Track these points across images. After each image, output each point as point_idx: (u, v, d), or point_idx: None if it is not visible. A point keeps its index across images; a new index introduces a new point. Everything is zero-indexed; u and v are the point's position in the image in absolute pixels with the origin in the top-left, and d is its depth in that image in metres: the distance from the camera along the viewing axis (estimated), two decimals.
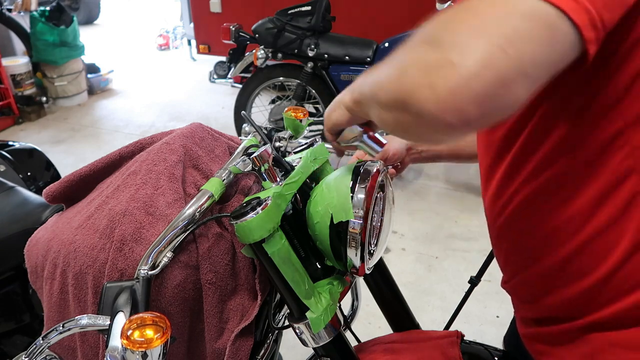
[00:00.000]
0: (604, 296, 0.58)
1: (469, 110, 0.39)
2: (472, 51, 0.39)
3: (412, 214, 2.82)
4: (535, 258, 0.64)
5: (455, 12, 0.43)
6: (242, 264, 0.76)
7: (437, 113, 0.40)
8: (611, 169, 0.54)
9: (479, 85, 0.38)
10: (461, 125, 0.41)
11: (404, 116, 0.45)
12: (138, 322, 0.61)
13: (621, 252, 0.55)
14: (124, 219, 0.74)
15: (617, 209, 0.55)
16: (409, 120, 0.44)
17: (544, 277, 0.64)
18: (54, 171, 1.66)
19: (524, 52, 0.39)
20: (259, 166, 0.73)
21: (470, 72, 0.38)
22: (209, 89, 4.89)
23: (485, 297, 2.10)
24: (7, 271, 1.19)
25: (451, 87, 0.39)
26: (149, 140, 0.87)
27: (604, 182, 0.55)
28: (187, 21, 5.38)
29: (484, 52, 0.38)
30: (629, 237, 0.55)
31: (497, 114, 0.41)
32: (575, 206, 0.57)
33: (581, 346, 0.61)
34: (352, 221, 0.68)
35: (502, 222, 0.67)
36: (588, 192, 0.56)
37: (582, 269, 0.59)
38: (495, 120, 0.42)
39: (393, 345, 0.87)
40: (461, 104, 0.39)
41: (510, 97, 0.40)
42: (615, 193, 0.54)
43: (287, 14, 2.90)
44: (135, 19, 8.74)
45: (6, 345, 1.26)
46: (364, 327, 1.96)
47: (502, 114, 0.41)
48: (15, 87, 4.14)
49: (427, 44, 0.43)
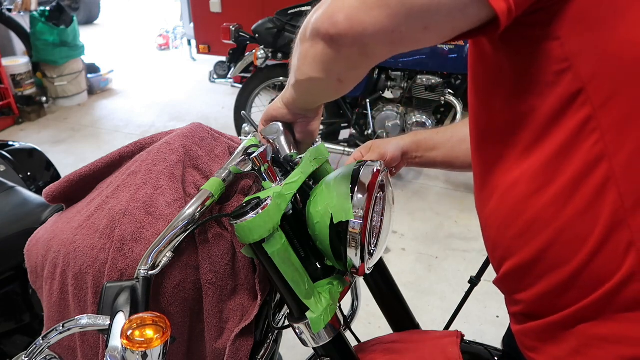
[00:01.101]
0: (582, 286, 0.58)
1: (339, 19, 0.52)
2: None
3: (412, 214, 2.82)
4: (514, 250, 0.64)
5: None
6: (242, 264, 0.76)
7: (321, 24, 0.54)
8: (582, 155, 0.54)
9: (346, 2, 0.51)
10: (335, 35, 0.53)
11: (306, 43, 0.58)
12: (138, 322, 0.61)
13: (594, 240, 0.55)
14: (124, 219, 0.74)
15: (589, 195, 0.54)
16: (308, 44, 0.58)
17: (523, 270, 0.64)
18: (54, 171, 1.66)
19: None
20: (258, 166, 0.73)
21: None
22: (209, 89, 4.89)
23: (485, 297, 2.10)
24: (7, 271, 1.19)
25: (333, 4, 0.52)
26: (149, 140, 0.87)
27: (576, 169, 0.54)
28: (187, 21, 5.39)
29: None
30: (602, 224, 0.54)
31: (363, 30, 0.51)
32: (548, 195, 0.57)
33: (567, 340, 0.61)
34: (352, 221, 0.68)
35: (487, 214, 0.68)
36: (560, 179, 0.56)
37: (558, 259, 0.58)
38: (367, 39, 0.52)
39: (393, 345, 0.87)
40: (335, 14, 0.52)
41: (371, 17, 0.50)
42: (587, 180, 0.54)
43: (287, 14, 2.90)
44: (135, 19, 8.74)
45: (6, 345, 1.26)
46: (364, 327, 1.96)
47: (367, 31, 0.51)
48: (15, 87, 4.14)
49: None
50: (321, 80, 0.62)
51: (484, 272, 1.36)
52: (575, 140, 0.54)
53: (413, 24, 0.50)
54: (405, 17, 0.50)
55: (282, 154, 0.74)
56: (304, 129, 0.76)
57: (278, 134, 0.73)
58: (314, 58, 0.59)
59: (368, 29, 0.51)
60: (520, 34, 0.54)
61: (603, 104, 0.51)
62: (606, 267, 0.56)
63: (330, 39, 0.54)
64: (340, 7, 0.52)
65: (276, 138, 0.73)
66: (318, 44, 0.57)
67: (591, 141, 0.53)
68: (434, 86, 2.81)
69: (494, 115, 0.64)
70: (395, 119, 2.89)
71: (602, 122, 0.52)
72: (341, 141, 3.12)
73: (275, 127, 0.73)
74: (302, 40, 0.60)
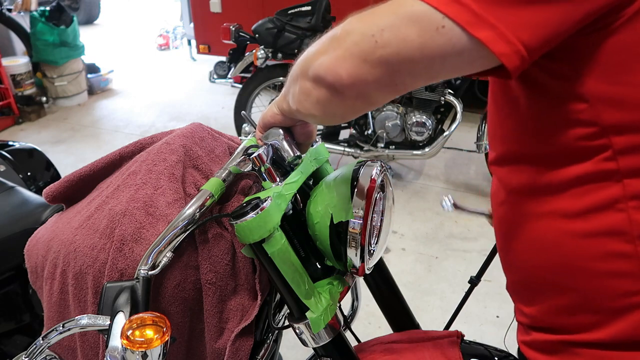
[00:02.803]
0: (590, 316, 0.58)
1: (340, 73, 0.51)
2: (354, 32, 0.51)
3: (412, 214, 2.82)
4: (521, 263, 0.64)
5: (364, 11, 0.52)
6: (242, 264, 0.76)
7: (323, 72, 0.53)
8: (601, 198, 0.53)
9: (349, 56, 0.51)
10: (337, 85, 0.53)
11: (305, 82, 0.57)
12: (138, 322, 0.61)
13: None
14: (124, 219, 0.74)
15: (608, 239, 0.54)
16: (308, 85, 0.57)
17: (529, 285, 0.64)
18: (54, 171, 1.66)
19: (389, 44, 0.48)
20: (258, 166, 0.73)
21: (347, 46, 0.51)
22: (209, 89, 4.89)
23: (485, 297, 2.10)
24: (7, 271, 1.19)
25: (334, 55, 0.52)
26: (149, 140, 0.87)
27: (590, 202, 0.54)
28: (187, 21, 5.38)
29: (359, 35, 0.50)
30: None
31: (364, 87, 0.52)
32: (553, 213, 0.57)
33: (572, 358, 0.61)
34: (352, 221, 0.68)
35: (501, 214, 0.67)
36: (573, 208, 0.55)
37: (562, 282, 0.58)
38: (368, 94, 0.53)
39: (393, 345, 0.87)
40: (337, 68, 0.52)
41: (372, 75, 0.50)
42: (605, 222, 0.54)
43: (287, 14, 2.90)
44: (135, 19, 8.74)
45: (6, 345, 1.26)
46: (364, 327, 1.96)
47: (369, 87, 0.52)
48: (15, 87, 4.14)
49: (335, 28, 0.54)
50: (322, 117, 0.62)
51: (484, 272, 1.36)
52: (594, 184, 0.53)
53: (415, 76, 0.51)
54: (407, 72, 0.50)
55: (287, 157, 0.73)
56: (303, 130, 0.76)
57: (280, 139, 0.72)
58: (317, 100, 0.58)
59: (370, 84, 0.51)
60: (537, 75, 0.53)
61: (625, 151, 0.51)
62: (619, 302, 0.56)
63: (334, 89, 0.54)
64: (342, 62, 0.51)
65: (279, 142, 0.72)
66: (321, 89, 0.56)
67: (611, 188, 0.52)
68: (434, 86, 2.81)
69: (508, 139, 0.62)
70: (395, 119, 2.89)
71: (622, 168, 0.51)
72: (341, 141, 3.12)
73: (275, 132, 0.72)
74: (303, 76, 0.59)
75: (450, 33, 0.46)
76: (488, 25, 0.45)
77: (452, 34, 0.46)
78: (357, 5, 2.40)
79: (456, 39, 0.46)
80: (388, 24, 0.48)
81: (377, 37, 0.48)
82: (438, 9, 0.46)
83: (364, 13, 0.52)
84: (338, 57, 0.52)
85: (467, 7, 0.45)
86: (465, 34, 0.45)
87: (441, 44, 0.46)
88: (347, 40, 0.51)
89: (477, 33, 0.45)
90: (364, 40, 0.49)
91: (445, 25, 0.46)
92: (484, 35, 0.45)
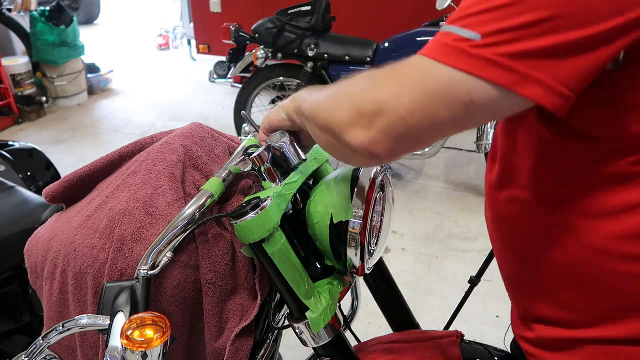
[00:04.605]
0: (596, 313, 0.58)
1: (377, 152, 0.52)
2: (384, 114, 0.49)
3: (412, 214, 2.82)
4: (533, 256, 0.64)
5: (389, 73, 0.51)
6: (242, 264, 0.76)
7: (357, 148, 0.52)
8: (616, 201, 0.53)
9: (383, 139, 0.50)
10: (371, 158, 0.53)
11: (333, 140, 0.56)
12: (138, 322, 0.61)
13: None
14: (124, 219, 0.74)
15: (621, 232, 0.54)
16: (337, 145, 0.56)
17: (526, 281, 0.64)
18: (54, 171, 1.66)
19: (421, 123, 0.48)
20: (258, 166, 0.73)
21: (379, 129, 0.50)
22: (209, 89, 4.89)
23: (485, 297, 2.10)
24: (7, 271, 1.19)
25: (367, 137, 0.51)
26: (149, 140, 0.87)
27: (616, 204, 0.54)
28: (187, 21, 5.38)
29: (390, 119, 0.49)
30: None
31: (400, 155, 0.53)
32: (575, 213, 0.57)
33: (575, 354, 0.61)
34: (352, 221, 0.68)
35: (496, 216, 0.67)
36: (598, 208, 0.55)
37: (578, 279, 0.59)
38: (403, 156, 0.54)
39: (393, 345, 0.87)
40: (371, 147, 0.51)
41: (407, 147, 0.52)
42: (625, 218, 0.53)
43: (287, 14, 2.90)
44: (135, 19, 8.73)
45: (6, 345, 1.26)
46: (364, 327, 1.96)
47: (404, 153, 0.53)
48: (15, 87, 4.13)
49: (361, 91, 0.53)
50: None
51: (484, 272, 1.36)
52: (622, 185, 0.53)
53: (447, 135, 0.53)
54: (438, 136, 0.51)
55: (293, 162, 0.73)
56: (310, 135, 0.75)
57: (287, 143, 0.72)
58: (345, 155, 0.57)
59: (406, 152, 0.53)
60: None
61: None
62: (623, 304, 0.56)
63: (366, 157, 0.54)
64: (377, 145, 0.51)
65: (286, 147, 0.72)
66: (349, 151, 0.55)
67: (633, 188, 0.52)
68: None
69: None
70: None
71: None
72: None
73: (282, 136, 0.71)
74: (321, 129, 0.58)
75: (480, 100, 0.45)
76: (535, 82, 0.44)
77: (482, 101, 0.45)
78: (356, 5, 2.44)
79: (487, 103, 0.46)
80: (418, 104, 0.47)
81: (407, 119, 0.48)
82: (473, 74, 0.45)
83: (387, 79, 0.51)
84: (372, 140, 0.51)
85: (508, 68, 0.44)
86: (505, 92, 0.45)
87: (473, 113, 0.47)
88: (378, 123, 0.50)
89: (524, 92, 0.44)
90: (395, 123, 0.49)
91: (474, 100, 0.45)
92: (532, 93, 0.44)
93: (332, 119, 0.55)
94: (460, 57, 0.45)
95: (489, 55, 0.44)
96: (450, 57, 0.46)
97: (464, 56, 0.45)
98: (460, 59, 0.45)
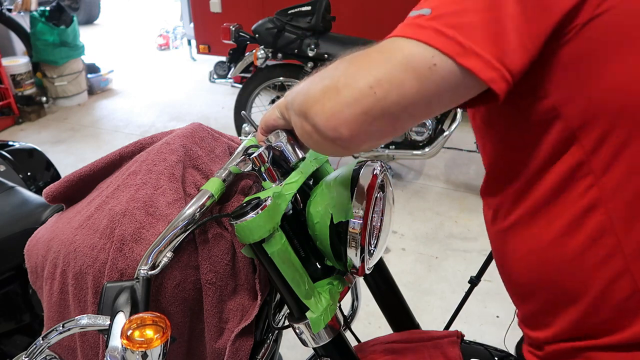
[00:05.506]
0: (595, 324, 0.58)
1: (341, 131, 0.50)
2: (352, 85, 0.49)
3: (412, 214, 2.82)
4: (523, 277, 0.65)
5: (359, 54, 0.53)
6: (242, 264, 0.76)
7: (322, 127, 0.52)
8: (575, 199, 0.54)
9: (349, 112, 0.49)
10: (338, 140, 0.52)
11: (305, 123, 0.55)
12: (138, 322, 0.61)
13: (596, 289, 0.56)
14: (124, 219, 0.74)
15: (585, 241, 0.55)
16: (309, 128, 0.55)
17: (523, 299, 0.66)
18: (54, 171, 1.66)
19: (389, 94, 0.48)
20: (258, 166, 0.73)
21: (346, 101, 0.49)
22: (209, 89, 4.89)
23: (485, 297, 2.10)
24: (7, 271, 1.19)
25: (332, 109, 0.50)
26: (149, 140, 0.87)
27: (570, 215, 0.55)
28: (187, 21, 5.38)
29: (357, 89, 0.49)
30: (603, 272, 0.55)
31: (367, 139, 0.52)
32: (545, 236, 0.58)
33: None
34: (352, 221, 0.68)
35: (495, 236, 0.69)
36: (556, 223, 0.57)
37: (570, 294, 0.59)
38: (370, 143, 0.53)
39: (393, 345, 0.87)
40: (336, 124, 0.50)
41: (374, 127, 0.50)
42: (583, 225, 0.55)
43: (287, 14, 2.90)
44: (135, 19, 8.73)
45: (6, 345, 1.26)
46: (364, 327, 1.96)
47: (372, 138, 0.52)
48: (15, 87, 4.13)
49: (333, 69, 0.54)
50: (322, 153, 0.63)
51: (484, 272, 1.36)
52: (566, 184, 0.55)
53: (414, 117, 0.52)
54: (408, 116, 0.51)
55: (291, 161, 0.73)
56: None
57: (284, 142, 0.72)
58: (316, 142, 0.57)
59: (373, 136, 0.52)
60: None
61: (594, 149, 0.52)
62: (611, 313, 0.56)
63: (332, 141, 0.53)
64: (341, 117, 0.50)
65: (283, 145, 0.72)
66: (318, 135, 0.54)
67: (584, 185, 0.54)
68: None
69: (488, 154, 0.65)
70: None
71: (594, 167, 0.53)
72: None
73: (279, 135, 0.71)
74: (301, 116, 0.57)
75: (442, 68, 0.47)
76: (474, 55, 0.46)
77: (444, 69, 0.47)
78: (356, 5, 2.43)
79: (448, 73, 0.47)
80: (385, 73, 0.48)
81: (376, 89, 0.48)
82: (429, 44, 0.47)
83: (357, 57, 0.52)
84: (335, 113, 0.50)
85: (454, 40, 0.47)
86: (456, 65, 0.47)
87: (437, 81, 0.48)
88: (344, 93, 0.50)
89: (466, 62, 0.46)
90: (363, 95, 0.48)
91: (436, 63, 0.47)
92: (472, 65, 0.46)
93: (305, 98, 0.55)
94: (417, 29, 0.49)
95: (437, 26, 0.48)
96: (409, 30, 0.49)
97: (419, 29, 0.49)
98: (417, 31, 0.49)
